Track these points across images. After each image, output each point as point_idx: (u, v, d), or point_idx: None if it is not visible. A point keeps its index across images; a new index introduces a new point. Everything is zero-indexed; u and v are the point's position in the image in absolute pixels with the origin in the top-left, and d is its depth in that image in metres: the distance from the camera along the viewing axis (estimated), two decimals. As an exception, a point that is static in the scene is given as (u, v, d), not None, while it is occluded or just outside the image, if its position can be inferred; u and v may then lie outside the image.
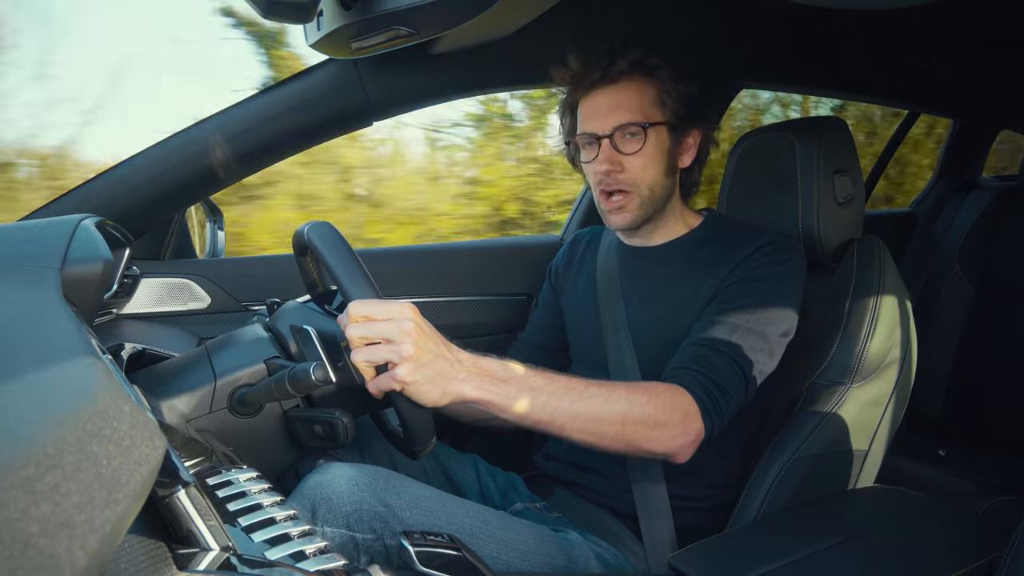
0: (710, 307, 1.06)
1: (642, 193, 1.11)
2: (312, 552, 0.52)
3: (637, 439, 0.90)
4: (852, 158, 1.21)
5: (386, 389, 0.80)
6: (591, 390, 0.89)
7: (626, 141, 1.09)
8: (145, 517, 0.47)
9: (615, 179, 1.10)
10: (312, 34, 1.10)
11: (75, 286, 0.74)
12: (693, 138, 1.15)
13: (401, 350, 0.77)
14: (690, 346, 1.02)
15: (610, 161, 1.09)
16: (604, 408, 0.88)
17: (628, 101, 1.09)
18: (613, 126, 1.08)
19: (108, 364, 0.52)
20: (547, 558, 0.97)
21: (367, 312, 0.78)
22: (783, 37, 1.54)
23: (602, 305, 1.20)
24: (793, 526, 1.00)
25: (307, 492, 0.85)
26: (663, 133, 1.11)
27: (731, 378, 0.98)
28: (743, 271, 1.06)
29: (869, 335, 1.10)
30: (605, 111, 1.09)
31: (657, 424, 0.91)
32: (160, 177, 1.24)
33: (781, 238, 1.10)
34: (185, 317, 1.37)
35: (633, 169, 1.09)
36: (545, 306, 1.36)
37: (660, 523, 1.06)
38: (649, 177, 1.10)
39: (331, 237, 0.85)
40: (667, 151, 1.12)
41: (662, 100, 1.10)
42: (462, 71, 1.32)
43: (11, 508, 0.25)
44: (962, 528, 1.01)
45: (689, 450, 0.94)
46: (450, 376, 0.80)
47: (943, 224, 2.28)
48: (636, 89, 1.09)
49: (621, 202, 1.11)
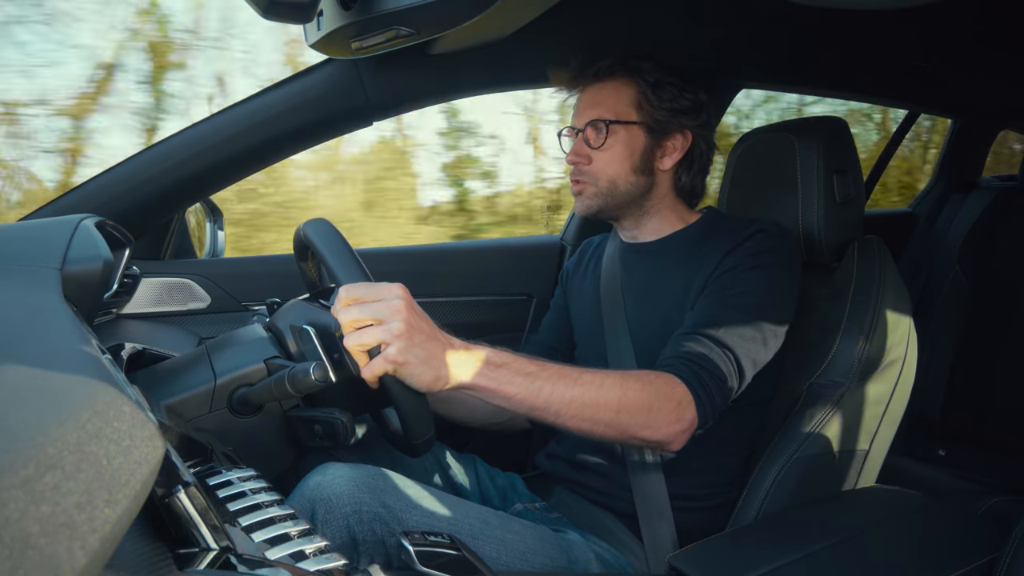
0: (702, 296, 1.07)
1: (600, 186, 1.15)
2: (312, 552, 0.52)
3: (631, 426, 0.90)
4: (852, 158, 1.21)
5: (379, 373, 0.78)
6: (585, 376, 0.89)
7: (594, 136, 1.14)
8: (145, 517, 0.47)
9: (579, 170, 1.17)
10: (312, 34, 1.10)
11: (75, 286, 0.74)
12: (677, 141, 1.16)
13: (391, 328, 0.76)
14: (682, 335, 1.02)
15: (576, 153, 1.16)
16: (599, 394, 0.88)
17: (605, 99, 1.15)
18: (585, 121, 1.15)
19: (108, 364, 0.52)
20: (547, 558, 0.97)
21: (356, 294, 0.78)
22: (783, 37, 1.54)
23: (604, 306, 1.21)
24: (793, 526, 1.00)
25: (307, 492, 0.85)
26: (636, 132, 1.14)
27: (723, 366, 0.98)
28: (734, 259, 1.06)
29: (869, 335, 1.10)
30: (584, 107, 1.17)
31: (651, 411, 0.91)
32: (160, 177, 1.24)
33: (773, 226, 1.10)
34: (185, 317, 1.37)
35: (597, 162, 1.15)
36: (555, 309, 1.38)
37: (660, 523, 1.06)
38: (612, 172, 1.14)
39: (325, 230, 0.87)
40: (640, 150, 1.14)
41: (639, 102, 1.14)
42: (462, 71, 1.33)
43: (11, 508, 0.25)
44: (962, 528, 1.01)
45: (682, 438, 0.94)
46: (443, 359, 0.80)
47: (943, 224, 2.28)
48: (613, 88, 1.15)
49: (580, 189, 1.18)
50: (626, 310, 1.18)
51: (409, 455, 0.89)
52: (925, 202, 2.40)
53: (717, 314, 1.02)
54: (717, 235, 1.12)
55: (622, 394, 0.89)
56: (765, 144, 1.25)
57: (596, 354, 1.19)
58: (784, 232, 1.11)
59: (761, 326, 1.02)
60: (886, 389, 1.13)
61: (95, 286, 0.78)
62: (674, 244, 1.18)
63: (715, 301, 1.04)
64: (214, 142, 1.24)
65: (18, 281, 0.69)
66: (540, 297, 1.64)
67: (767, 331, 1.03)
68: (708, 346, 0.98)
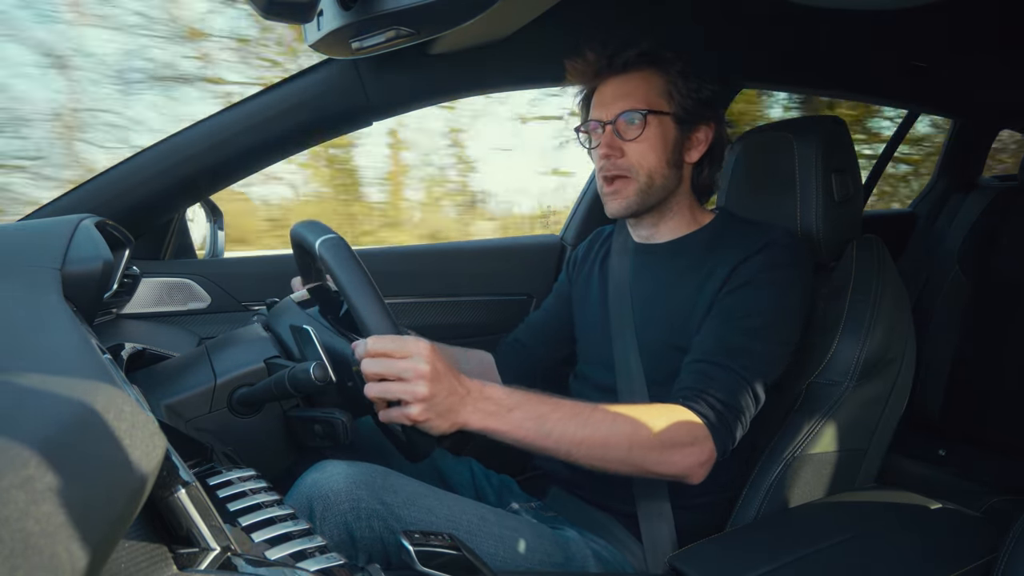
0: (711, 317, 1.05)
1: (640, 179, 1.11)
2: (312, 551, 0.52)
3: (645, 463, 0.91)
4: (851, 157, 1.21)
5: (396, 422, 0.82)
6: (596, 416, 0.89)
7: (628, 128, 1.10)
8: (145, 517, 0.47)
9: (614, 164, 1.11)
10: (312, 34, 1.10)
11: (75, 286, 0.74)
12: (703, 134, 1.15)
13: (415, 391, 0.79)
14: (696, 363, 1.01)
15: (610, 146, 1.11)
16: (610, 433, 0.88)
17: (634, 90, 1.11)
18: (616, 113, 1.10)
19: (108, 364, 0.52)
20: (544, 555, 0.97)
21: (385, 349, 0.80)
22: (783, 37, 1.54)
23: (611, 307, 1.20)
24: (793, 526, 1.00)
25: (304, 490, 0.85)
26: (668, 123, 1.12)
27: (739, 396, 0.98)
28: (745, 274, 1.05)
29: (868, 334, 1.10)
30: (611, 99, 1.12)
31: (664, 447, 0.91)
32: (160, 177, 1.24)
33: (785, 236, 1.09)
34: (185, 317, 1.37)
35: (633, 154, 1.11)
36: (557, 296, 1.37)
37: (660, 522, 1.06)
38: (649, 163, 1.11)
39: (345, 258, 0.84)
40: (672, 142, 1.12)
41: (669, 92, 1.11)
42: (462, 71, 1.32)
43: (11, 508, 0.25)
44: (962, 528, 1.01)
45: (701, 471, 0.94)
46: (458, 409, 0.83)
47: (943, 224, 2.28)
48: (642, 79, 1.11)
49: (618, 187, 1.13)
50: (633, 311, 1.17)
51: (410, 460, 0.89)
52: (925, 202, 2.40)
53: (730, 340, 1.01)
54: (729, 241, 1.11)
55: (633, 432, 0.89)
56: (764, 143, 1.25)
57: (601, 358, 1.19)
58: (795, 242, 1.09)
59: (773, 348, 1.02)
60: (885, 388, 1.13)
61: (95, 286, 0.78)
62: (686, 246, 1.17)
63: (727, 325, 1.03)
64: (214, 142, 1.24)
65: (18, 281, 0.69)
66: (540, 297, 1.64)
67: (779, 352, 1.03)
68: (723, 376, 0.98)
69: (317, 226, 0.90)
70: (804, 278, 1.08)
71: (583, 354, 1.28)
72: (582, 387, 1.23)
